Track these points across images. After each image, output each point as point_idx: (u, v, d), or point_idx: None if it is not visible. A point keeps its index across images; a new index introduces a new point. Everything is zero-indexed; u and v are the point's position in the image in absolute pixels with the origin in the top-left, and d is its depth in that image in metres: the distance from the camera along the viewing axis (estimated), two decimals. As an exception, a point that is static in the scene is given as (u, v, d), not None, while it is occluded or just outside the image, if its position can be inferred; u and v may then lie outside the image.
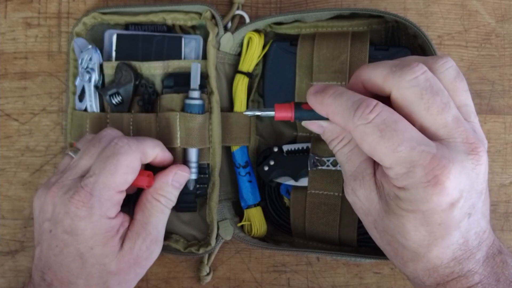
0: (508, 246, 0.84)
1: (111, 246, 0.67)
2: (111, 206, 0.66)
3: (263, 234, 0.86)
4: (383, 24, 0.80)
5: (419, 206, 0.53)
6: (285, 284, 0.87)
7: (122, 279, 0.68)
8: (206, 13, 0.80)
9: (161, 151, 0.72)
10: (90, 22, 0.84)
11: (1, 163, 0.90)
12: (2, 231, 0.90)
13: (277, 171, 0.81)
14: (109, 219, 0.66)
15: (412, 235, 0.55)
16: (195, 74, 0.78)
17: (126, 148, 0.67)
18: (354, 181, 0.61)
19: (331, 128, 0.63)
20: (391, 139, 0.53)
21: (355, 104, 0.55)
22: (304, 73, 0.79)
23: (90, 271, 0.66)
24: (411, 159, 0.52)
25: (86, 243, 0.65)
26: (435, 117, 0.54)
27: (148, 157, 0.70)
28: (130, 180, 0.67)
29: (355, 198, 0.62)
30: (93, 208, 0.64)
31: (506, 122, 0.84)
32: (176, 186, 0.73)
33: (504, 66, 0.84)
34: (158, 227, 0.72)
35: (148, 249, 0.69)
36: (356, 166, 0.61)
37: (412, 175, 0.53)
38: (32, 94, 0.89)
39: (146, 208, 0.71)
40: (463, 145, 0.54)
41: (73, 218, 0.64)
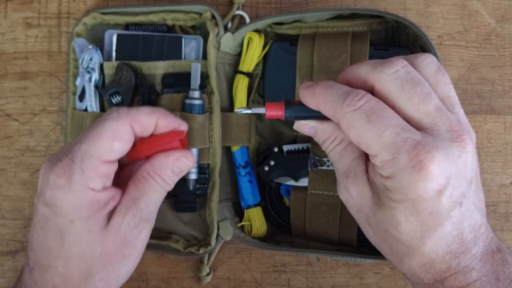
0: (509, 247, 0.84)
1: (95, 220, 0.61)
2: (94, 176, 0.59)
3: (263, 234, 0.86)
4: (383, 24, 0.80)
5: (407, 194, 0.54)
6: (285, 284, 0.87)
7: (107, 260, 0.62)
8: (206, 13, 0.80)
9: (163, 117, 0.65)
10: (90, 22, 0.84)
11: (1, 163, 0.90)
12: (2, 231, 0.90)
13: (277, 171, 0.81)
14: (93, 191, 0.60)
15: (404, 226, 0.56)
16: (195, 74, 0.78)
17: (114, 114, 0.62)
18: (346, 178, 0.61)
19: (323, 128, 0.63)
20: (377, 124, 0.54)
21: (345, 93, 0.57)
22: (304, 73, 0.79)
23: (69, 250, 0.60)
24: (396, 145, 0.54)
25: (65, 216, 0.59)
26: (417, 107, 0.56)
27: (145, 125, 0.63)
28: (118, 149, 0.61)
29: (347, 195, 0.62)
30: (73, 176, 0.58)
31: (506, 122, 0.84)
32: (176, 172, 0.67)
33: (504, 66, 0.84)
34: (150, 206, 0.65)
35: (137, 227, 0.63)
36: (348, 163, 0.62)
37: (397, 161, 0.54)
38: (32, 94, 0.89)
39: (140, 183, 0.65)
40: (447, 133, 0.55)
41: (52, 188, 0.59)
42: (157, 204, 0.67)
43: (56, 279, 0.60)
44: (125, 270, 0.64)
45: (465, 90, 0.84)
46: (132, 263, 0.65)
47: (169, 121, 0.65)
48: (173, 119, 0.66)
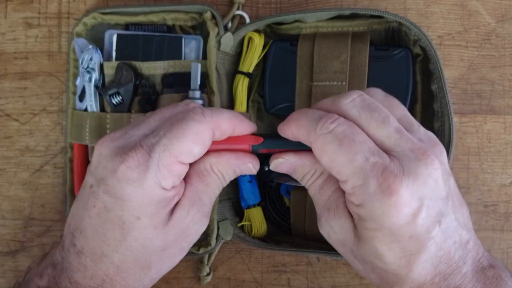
0: (509, 246, 0.84)
1: (161, 217, 0.58)
2: (168, 175, 0.56)
3: (263, 234, 0.86)
4: (383, 25, 0.80)
5: (381, 222, 0.54)
6: (285, 284, 0.87)
7: (166, 255, 0.61)
8: (206, 13, 0.80)
9: (240, 123, 0.62)
10: (90, 22, 0.84)
11: (1, 163, 0.90)
12: (2, 231, 0.90)
13: (277, 171, 0.82)
14: (163, 190, 0.57)
15: (388, 256, 0.55)
16: (195, 74, 0.78)
17: (200, 116, 0.58)
18: (328, 211, 0.60)
19: (302, 163, 0.63)
20: (349, 148, 0.54)
21: (319, 117, 0.57)
22: (305, 73, 0.80)
23: (131, 245, 0.57)
24: (366, 170, 0.53)
25: (132, 211, 0.56)
26: (377, 131, 0.56)
27: (223, 130, 0.61)
28: (196, 153, 0.58)
29: (329, 229, 0.61)
30: (148, 172, 0.55)
31: (506, 122, 0.84)
32: (237, 173, 0.65)
33: (504, 66, 0.84)
34: (212, 201, 0.64)
35: (199, 221, 0.62)
36: (328, 195, 0.61)
37: (367, 187, 0.53)
38: (32, 94, 0.89)
39: (204, 176, 0.62)
40: (411, 152, 0.55)
41: (120, 180, 0.55)
42: (214, 199, 0.65)
43: (110, 270, 0.58)
44: (178, 261, 0.64)
45: (465, 90, 0.84)
46: (183, 255, 0.65)
47: (245, 127, 0.64)
48: (248, 125, 0.64)
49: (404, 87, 0.78)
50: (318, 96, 0.79)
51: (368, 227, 0.55)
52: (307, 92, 0.79)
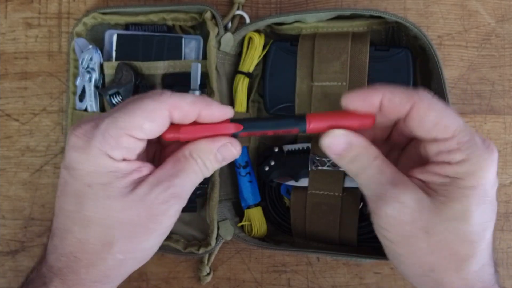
0: (509, 246, 0.84)
1: (115, 188, 0.56)
2: (115, 145, 0.55)
3: (263, 234, 0.86)
4: (383, 25, 0.80)
5: (479, 178, 0.55)
6: (285, 284, 0.88)
7: (128, 230, 0.57)
8: (206, 13, 0.80)
9: (206, 108, 0.59)
10: (91, 22, 0.84)
11: (1, 163, 0.90)
12: (3, 231, 0.90)
13: (277, 171, 0.81)
14: (110, 159, 0.56)
15: (475, 216, 0.56)
16: (195, 74, 0.79)
17: (156, 95, 0.57)
18: (396, 187, 0.58)
19: (360, 142, 0.60)
20: (452, 110, 0.56)
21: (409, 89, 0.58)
22: (305, 73, 0.80)
23: (86, 215, 0.57)
24: (468, 127, 0.56)
25: (82, 179, 0.56)
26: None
27: (185, 113, 0.58)
28: (147, 129, 0.56)
29: (399, 205, 0.57)
30: (93, 140, 0.55)
31: (506, 122, 0.84)
32: (218, 159, 0.61)
33: (504, 66, 0.84)
34: (186, 186, 0.60)
35: (166, 202, 0.58)
36: (390, 173, 0.60)
37: (474, 142, 0.55)
38: (33, 94, 0.89)
39: (179, 162, 0.60)
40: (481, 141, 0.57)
41: (70, 149, 0.56)
42: (193, 186, 0.62)
43: (74, 245, 0.58)
44: (148, 246, 0.60)
45: (465, 90, 0.84)
46: (155, 240, 0.61)
47: (213, 112, 0.60)
48: (218, 109, 0.60)
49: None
50: (319, 96, 0.79)
51: (465, 185, 0.55)
52: (307, 92, 0.80)
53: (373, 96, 0.58)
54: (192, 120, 0.60)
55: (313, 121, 0.59)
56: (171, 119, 0.58)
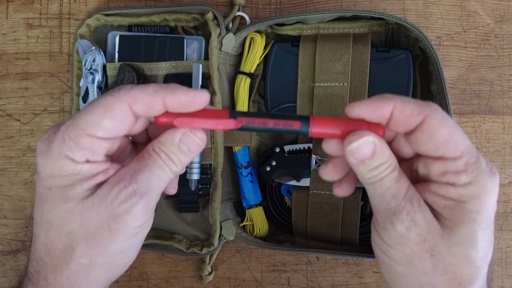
0: (508, 246, 0.85)
1: (75, 190, 0.54)
2: (75, 147, 0.53)
3: (265, 233, 0.86)
4: (383, 26, 0.81)
5: (484, 202, 0.54)
6: (285, 283, 0.88)
7: (90, 233, 0.55)
8: (208, 14, 0.80)
9: (170, 95, 0.55)
10: (94, 23, 0.84)
11: (2, 163, 0.90)
12: (4, 231, 0.91)
13: (278, 171, 0.82)
14: (71, 161, 0.53)
15: (481, 242, 0.55)
16: (197, 75, 0.79)
17: (114, 91, 0.55)
18: (411, 204, 0.56)
19: (384, 149, 0.56)
20: (462, 129, 0.55)
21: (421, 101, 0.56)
22: (306, 74, 0.80)
23: (48, 218, 0.55)
24: (474, 149, 0.54)
25: (44, 182, 0.55)
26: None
27: (147, 103, 0.55)
28: (107, 126, 0.54)
29: (410, 223, 0.55)
30: (53, 143, 0.54)
31: (505, 122, 0.85)
32: (183, 150, 0.57)
33: (503, 66, 0.85)
34: (151, 182, 0.56)
35: (128, 199, 0.54)
36: (406, 189, 0.57)
37: (480, 164, 0.54)
38: (34, 95, 0.89)
39: (143, 158, 0.57)
40: (485, 164, 0.56)
41: (36, 155, 0.56)
42: (160, 182, 0.58)
43: (41, 249, 0.56)
44: (114, 249, 0.56)
45: (464, 91, 0.85)
46: (123, 243, 0.56)
47: (179, 98, 0.55)
48: (184, 94, 0.55)
49: (404, 88, 0.78)
50: (320, 97, 0.79)
51: (471, 209, 0.54)
52: (308, 93, 0.80)
53: (384, 107, 0.54)
54: (160, 111, 0.56)
55: (317, 125, 0.55)
56: (133, 112, 0.55)
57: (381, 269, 0.61)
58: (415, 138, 0.55)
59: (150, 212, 0.57)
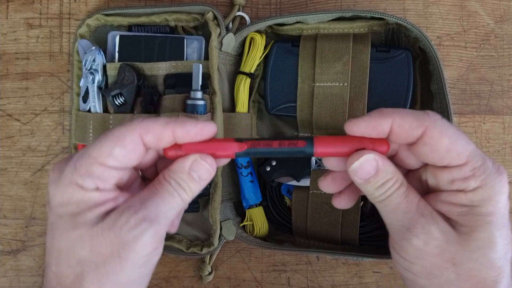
0: (508, 245, 0.85)
1: (84, 217, 0.54)
2: (86, 175, 0.54)
3: (265, 233, 0.86)
4: (383, 26, 0.81)
5: (496, 203, 0.54)
6: (285, 283, 0.88)
7: (99, 261, 0.54)
8: (208, 14, 0.80)
9: (179, 127, 0.56)
10: (94, 23, 0.84)
11: (2, 163, 0.90)
12: (4, 231, 0.91)
13: (279, 171, 0.82)
14: (81, 189, 0.54)
15: (499, 242, 0.54)
16: (197, 75, 0.79)
17: (127, 122, 0.56)
18: (424, 217, 0.56)
19: (387, 166, 0.56)
20: (464, 134, 0.54)
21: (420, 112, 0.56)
22: (306, 74, 0.80)
23: (58, 247, 0.55)
24: (479, 152, 0.54)
25: (55, 210, 0.55)
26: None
27: (158, 134, 0.56)
28: (118, 155, 0.54)
29: (427, 237, 0.55)
30: (64, 171, 0.54)
31: (505, 122, 0.85)
32: (193, 177, 0.57)
33: (503, 66, 0.85)
34: (161, 208, 0.56)
35: (137, 226, 0.54)
36: (416, 203, 0.57)
37: (487, 166, 0.54)
38: (34, 95, 0.89)
39: (153, 186, 0.57)
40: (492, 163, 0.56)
41: (48, 185, 0.55)
42: (171, 209, 0.58)
43: (52, 280, 0.56)
44: (124, 279, 0.55)
45: (464, 91, 0.85)
46: (132, 272, 0.56)
47: (188, 130, 0.56)
48: (193, 126, 0.57)
49: (404, 88, 0.78)
50: (320, 97, 0.79)
51: (484, 212, 0.54)
52: (308, 93, 0.80)
53: (383, 123, 0.54)
54: (170, 142, 0.57)
55: (321, 145, 0.56)
56: (144, 143, 0.56)
57: (405, 284, 0.61)
58: (417, 150, 0.55)
59: (160, 240, 0.57)
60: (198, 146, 0.57)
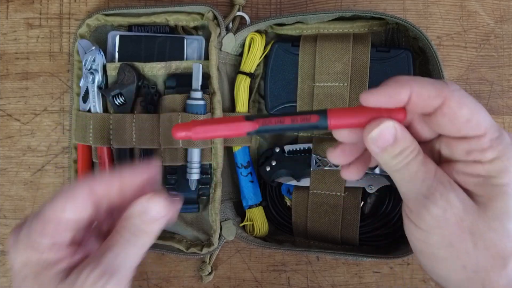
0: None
1: (46, 276, 0.53)
2: (40, 235, 0.53)
3: (265, 233, 0.86)
4: (383, 26, 0.81)
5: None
6: (285, 283, 0.88)
7: None
8: (208, 14, 0.81)
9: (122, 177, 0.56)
10: (94, 23, 0.84)
11: (2, 163, 0.90)
12: (4, 231, 0.91)
13: (279, 171, 0.82)
14: (38, 252, 0.53)
15: None
16: (197, 75, 0.79)
17: (77, 182, 0.56)
18: (443, 185, 0.54)
19: (405, 134, 0.54)
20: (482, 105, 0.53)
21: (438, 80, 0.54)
22: (306, 74, 0.80)
23: None
24: (495, 123, 0.53)
25: (17, 275, 0.53)
26: None
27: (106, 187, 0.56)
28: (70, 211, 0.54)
29: (446, 204, 0.54)
30: (19, 235, 0.54)
31: (505, 122, 0.85)
32: (146, 220, 0.56)
33: (503, 66, 0.85)
34: (121, 259, 0.54)
35: (97, 282, 0.52)
36: (434, 171, 0.55)
37: (504, 138, 0.53)
38: (34, 95, 0.89)
39: (112, 237, 0.56)
40: None
41: (8, 250, 0.56)
42: (132, 257, 0.56)
43: None
44: None
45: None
46: None
47: (130, 179, 0.57)
48: (130, 175, 0.57)
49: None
50: (320, 97, 0.79)
51: (501, 183, 0.53)
52: (309, 93, 0.80)
53: (401, 92, 0.52)
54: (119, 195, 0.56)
55: (335, 117, 0.53)
56: (95, 197, 0.55)
57: (419, 258, 0.59)
58: (435, 121, 0.53)
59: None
60: (208, 126, 0.54)
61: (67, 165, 0.89)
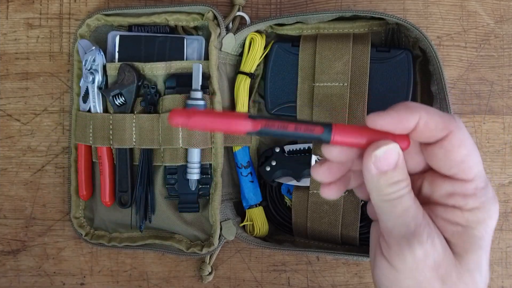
0: (508, 246, 0.85)
1: None
2: None
3: (265, 233, 0.86)
4: (383, 26, 0.81)
5: (489, 226, 0.53)
6: (285, 283, 0.88)
7: None
8: (208, 14, 0.81)
9: None
10: (94, 23, 0.84)
11: (2, 163, 0.90)
12: (4, 231, 0.91)
13: (279, 171, 0.82)
14: None
15: (485, 266, 0.54)
16: (197, 75, 0.79)
17: None
18: (429, 227, 0.53)
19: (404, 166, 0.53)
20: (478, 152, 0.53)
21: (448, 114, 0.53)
22: (306, 74, 0.80)
23: None
24: (485, 175, 0.53)
25: None
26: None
27: None
28: None
29: (432, 248, 0.52)
30: None
31: (505, 122, 0.85)
32: None
33: (503, 66, 0.85)
34: None
35: None
36: (422, 210, 0.54)
37: (488, 190, 0.53)
38: (34, 95, 0.89)
39: None
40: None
41: None
42: None
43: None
44: None
45: (464, 90, 0.85)
46: None
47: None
48: None
49: (404, 88, 0.78)
50: (320, 97, 0.79)
51: (477, 235, 0.53)
52: (308, 93, 0.80)
53: (409, 119, 0.50)
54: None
55: (340, 133, 0.51)
56: None
57: None
58: (432, 151, 0.52)
59: None
60: (208, 118, 0.51)
61: (67, 165, 0.89)
